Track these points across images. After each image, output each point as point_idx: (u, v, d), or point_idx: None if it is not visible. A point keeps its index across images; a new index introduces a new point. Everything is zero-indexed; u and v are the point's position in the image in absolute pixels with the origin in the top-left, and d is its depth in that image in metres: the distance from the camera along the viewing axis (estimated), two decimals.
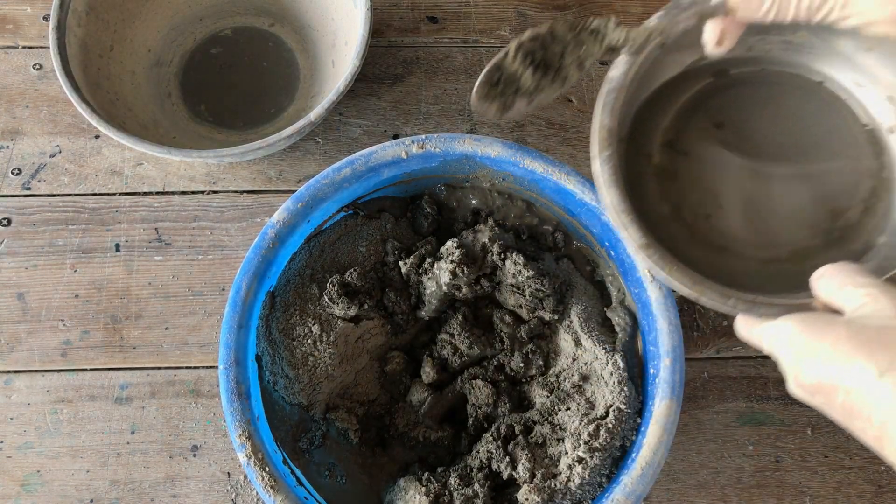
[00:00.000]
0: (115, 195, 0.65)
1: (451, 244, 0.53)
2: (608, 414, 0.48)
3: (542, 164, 0.51)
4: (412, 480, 0.50)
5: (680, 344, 0.47)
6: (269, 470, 0.47)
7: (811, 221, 0.46)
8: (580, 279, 0.56)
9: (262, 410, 0.50)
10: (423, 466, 0.53)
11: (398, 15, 0.71)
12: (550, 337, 0.55)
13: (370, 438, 0.54)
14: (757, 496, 0.57)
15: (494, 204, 0.56)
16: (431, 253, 0.55)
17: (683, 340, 0.47)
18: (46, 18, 0.70)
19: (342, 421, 0.53)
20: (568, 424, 0.50)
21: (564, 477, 0.47)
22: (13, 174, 0.65)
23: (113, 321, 0.61)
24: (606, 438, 0.47)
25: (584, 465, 0.47)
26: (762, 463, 0.58)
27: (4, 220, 0.63)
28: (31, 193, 0.64)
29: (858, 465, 0.57)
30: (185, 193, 0.65)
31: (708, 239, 0.46)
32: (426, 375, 0.54)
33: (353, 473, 0.53)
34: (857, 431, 0.33)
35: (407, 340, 0.57)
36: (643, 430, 0.47)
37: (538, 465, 0.49)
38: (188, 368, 0.60)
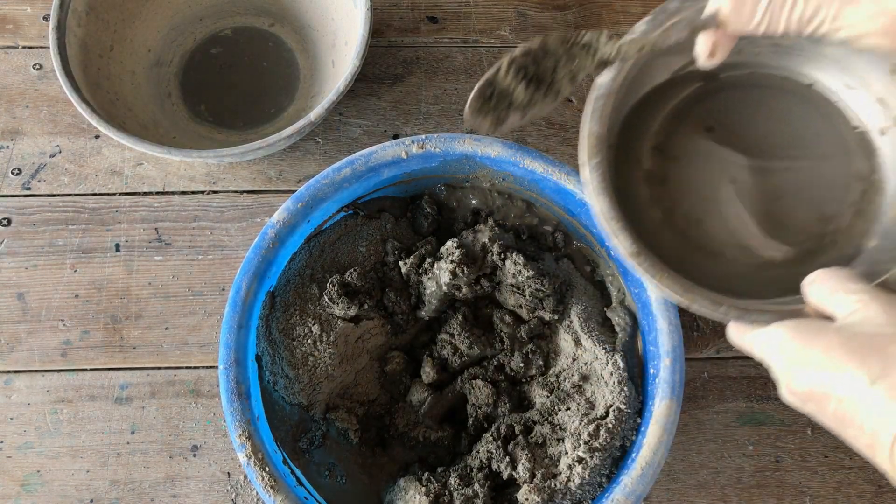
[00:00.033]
0: (115, 195, 0.65)
1: (451, 244, 0.53)
2: (608, 414, 0.48)
3: (542, 164, 0.51)
4: (412, 480, 0.50)
5: (680, 344, 0.47)
6: (269, 470, 0.47)
7: (803, 226, 0.45)
8: (580, 279, 0.56)
9: (262, 410, 0.50)
10: (423, 466, 0.53)
11: (398, 15, 0.71)
12: (550, 337, 0.55)
13: (370, 438, 0.54)
14: (757, 496, 0.57)
15: (494, 204, 0.56)
16: (431, 253, 0.55)
17: (683, 340, 0.48)
18: (46, 18, 0.70)
19: (342, 421, 0.53)
20: (568, 424, 0.50)
21: (564, 477, 0.47)
22: (13, 174, 0.65)
23: (113, 321, 0.61)
24: (606, 438, 0.47)
25: (584, 465, 0.47)
26: (762, 463, 0.58)
27: (4, 220, 0.63)
28: (31, 193, 0.64)
29: (858, 465, 0.57)
30: (185, 193, 0.65)
31: (701, 244, 0.46)
32: (426, 375, 0.54)
33: (353, 473, 0.53)
34: (849, 439, 0.33)
35: (407, 340, 0.57)
36: (643, 430, 0.47)
37: (538, 465, 0.49)
38: (188, 368, 0.60)
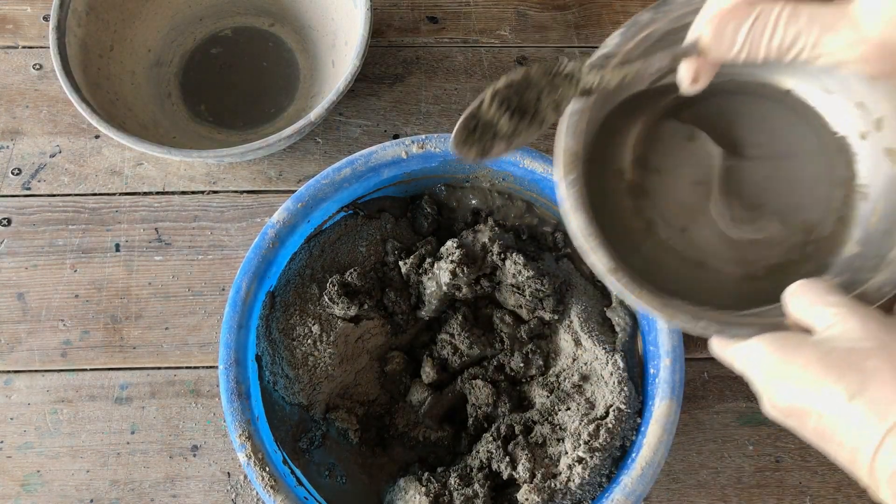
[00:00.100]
0: (115, 195, 0.65)
1: (451, 244, 0.53)
2: (608, 414, 0.48)
3: (542, 164, 0.51)
4: (412, 480, 0.50)
5: (680, 344, 0.47)
6: (269, 470, 0.47)
7: (786, 234, 0.45)
8: (580, 279, 0.56)
9: (262, 410, 0.50)
10: (423, 466, 0.53)
11: (398, 15, 0.71)
12: (550, 337, 0.55)
13: (370, 438, 0.54)
14: (757, 496, 0.57)
15: (494, 204, 0.56)
16: (431, 253, 0.55)
17: (683, 340, 0.48)
18: (46, 18, 0.70)
19: (342, 421, 0.53)
20: (568, 424, 0.50)
21: (564, 477, 0.47)
22: (13, 174, 0.65)
23: (113, 321, 0.61)
24: (606, 438, 0.47)
25: (584, 465, 0.47)
26: (762, 463, 0.58)
27: (4, 220, 0.63)
28: (31, 193, 0.64)
29: None
30: (185, 193, 0.65)
31: (685, 254, 0.45)
32: (426, 375, 0.54)
33: (353, 473, 0.53)
34: (831, 454, 0.33)
35: (407, 340, 0.57)
36: (643, 430, 0.47)
37: (538, 465, 0.49)
38: (188, 368, 0.60)
